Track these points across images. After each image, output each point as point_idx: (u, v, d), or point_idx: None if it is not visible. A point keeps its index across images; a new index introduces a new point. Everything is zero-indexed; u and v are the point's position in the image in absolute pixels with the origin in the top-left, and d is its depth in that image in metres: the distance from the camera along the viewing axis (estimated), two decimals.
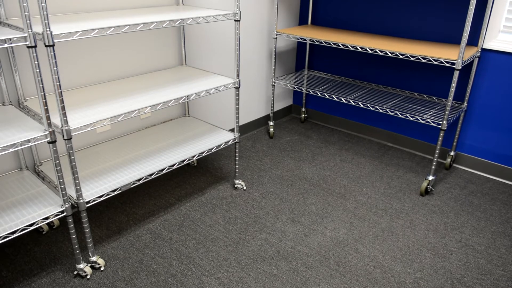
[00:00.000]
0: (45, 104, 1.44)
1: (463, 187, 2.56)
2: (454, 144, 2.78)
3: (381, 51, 2.43)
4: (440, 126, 2.34)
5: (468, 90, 2.64)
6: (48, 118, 1.47)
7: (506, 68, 2.49)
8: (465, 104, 2.67)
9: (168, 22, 1.74)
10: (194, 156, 2.11)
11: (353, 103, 2.70)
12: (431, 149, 2.95)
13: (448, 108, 2.28)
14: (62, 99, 1.46)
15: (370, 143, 3.16)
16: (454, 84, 2.23)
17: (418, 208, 2.32)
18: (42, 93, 1.42)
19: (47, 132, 1.49)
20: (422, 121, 2.42)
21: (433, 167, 2.44)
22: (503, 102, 2.56)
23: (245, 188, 2.48)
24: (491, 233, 2.13)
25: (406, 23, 2.82)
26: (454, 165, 2.87)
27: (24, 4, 1.31)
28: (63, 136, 1.51)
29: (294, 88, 3.02)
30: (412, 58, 2.33)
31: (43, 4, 1.32)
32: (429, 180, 2.45)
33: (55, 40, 1.39)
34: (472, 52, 2.42)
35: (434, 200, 2.41)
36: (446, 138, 2.88)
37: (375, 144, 3.14)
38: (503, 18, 2.46)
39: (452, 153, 2.79)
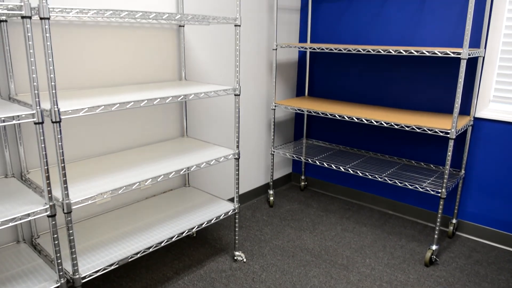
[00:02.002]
0: (48, 178, 1.46)
1: (468, 256, 2.51)
2: (455, 211, 2.77)
3: (376, 122, 2.50)
4: (439, 194, 2.35)
5: (465, 158, 2.68)
6: (49, 192, 1.48)
7: (499, 136, 2.56)
8: (463, 171, 2.70)
9: (171, 98, 1.82)
10: (193, 228, 2.09)
11: (351, 172, 2.72)
12: (433, 216, 2.93)
13: (446, 176, 2.31)
14: (65, 173, 1.49)
15: (371, 211, 3.14)
16: (450, 153, 2.27)
17: (423, 280, 2.25)
18: (46, 167, 1.45)
19: (48, 206, 1.49)
20: (421, 190, 2.43)
21: (435, 235, 2.40)
22: (500, 169, 2.59)
23: (245, 260, 2.43)
24: None
25: (400, 94, 2.94)
26: (457, 233, 2.82)
27: (35, 83, 1.38)
28: (63, 209, 1.51)
29: (293, 157, 3.07)
30: (407, 128, 2.39)
31: (52, 83, 1.39)
32: (433, 250, 2.40)
33: (62, 117, 1.45)
34: (465, 121, 2.49)
35: (439, 270, 2.35)
36: (446, 205, 2.87)
37: (376, 212, 3.12)
38: (492, 89, 2.57)
39: (454, 221, 2.76)
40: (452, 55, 2.19)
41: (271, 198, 3.18)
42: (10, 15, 1.31)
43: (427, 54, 2.27)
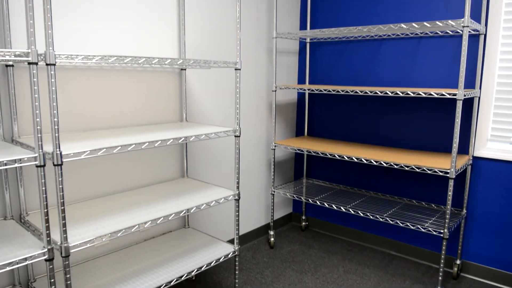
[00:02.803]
0: (47, 221, 1.45)
1: None
2: (459, 252, 2.72)
3: (375, 161, 2.51)
4: (442, 235, 2.32)
5: (466, 197, 2.67)
6: (48, 235, 1.47)
7: (499, 175, 2.56)
8: (464, 210, 2.68)
9: (172, 140, 1.84)
10: (192, 272, 2.05)
11: (352, 212, 2.70)
12: (436, 257, 2.87)
13: (447, 216, 2.29)
14: (64, 216, 1.48)
15: (373, 252, 3.09)
16: (450, 193, 2.26)
17: None
18: (45, 210, 1.44)
19: (46, 250, 1.47)
20: (423, 230, 2.40)
21: (440, 277, 2.35)
22: (502, 208, 2.57)
23: None
24: None
25: (399, 133, 2.97)
26: (462, 274, 2.76)
27: (38, 127, 1.40)
28: (61, 253, 1.49)
29: (293, 197, 3.06)
30: (406, 168, 2.40)
31: (55, 127, 1.42)
32: None
33: (63, 160, 1.46)
34: (464, 160, 2.50)
35: None
36: (450, 246, 2.82)
37: (379, 253, 3.06)
38: (489, 128, 2.60)
39: (458, 262, 2.71)
40: (448, 96, 2.24)
41: (272, 239, 3.14)
42: (17, 61, 1.35)
43: (423, 95, 2.32)
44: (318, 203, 2.87)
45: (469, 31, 2.54)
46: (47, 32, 1.36)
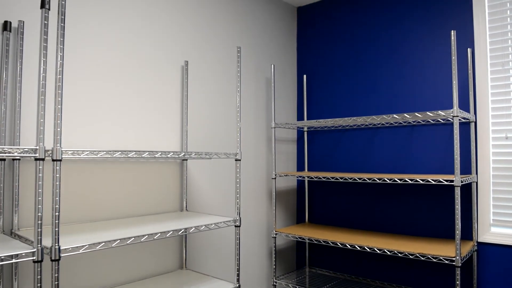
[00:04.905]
0: None
1: None
2: None
3: (379, 250, 2.46)
4: None
5: (475, 285, 2.57)
6: None
7: (507, 260, 2.49)
8: None
9: (171, 232, 1.83)
10: None
11: None
12: None
13: None
14: None
15: None
16: (458, 282, 2.18)
17: None
18: None
19: None
20: None
21: None
22: None
23: None
24: None
25: (400, 219, 2.94)
26: None
27: (39, 222, 1.40)
28: None
29: None
30: (411, 256, 2.34)
31: (56, 221, 1.42)
32: None
33: (61, 255, 1.44)
34: (469, 247, 2.45)
35: None
36: None
37: None
38: (490, 213, 2.59)
39: None
40: (445, 182, 2.27)
41: None
42: (24, 156, 1.40)
43: (421, 182, 2.35)
44: None
45: (460, 119, 2.65)
46: (56, 130, 1.43)
